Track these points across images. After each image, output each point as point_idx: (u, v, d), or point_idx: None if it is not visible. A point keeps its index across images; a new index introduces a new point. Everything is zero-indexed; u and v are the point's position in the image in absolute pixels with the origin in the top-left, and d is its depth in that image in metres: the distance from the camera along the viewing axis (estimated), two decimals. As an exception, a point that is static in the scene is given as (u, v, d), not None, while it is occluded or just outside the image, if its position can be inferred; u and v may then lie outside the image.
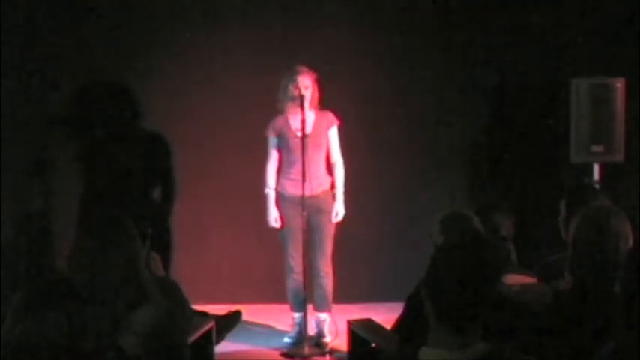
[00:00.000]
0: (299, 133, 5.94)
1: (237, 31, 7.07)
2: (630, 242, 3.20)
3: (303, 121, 5.88)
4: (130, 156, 7.11)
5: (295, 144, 5.95)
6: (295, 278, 6.05)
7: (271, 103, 6.12)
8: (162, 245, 6.88)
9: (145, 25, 7.06)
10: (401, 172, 7.14)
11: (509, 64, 7.04)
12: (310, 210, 5.94)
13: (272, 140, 6.11)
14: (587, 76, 6.40)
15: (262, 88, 6.60)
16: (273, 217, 6.10)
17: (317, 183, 6.00)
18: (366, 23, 7.11)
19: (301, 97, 5.88)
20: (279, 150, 6.10)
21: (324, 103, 6.14)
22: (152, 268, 4.55)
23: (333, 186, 6.11)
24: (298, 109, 5.90)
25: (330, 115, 6.09)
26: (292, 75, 5.94)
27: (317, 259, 6.06)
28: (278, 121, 6.07)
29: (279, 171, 6.12)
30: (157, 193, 7.24)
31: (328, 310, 6.13)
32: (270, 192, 6.11)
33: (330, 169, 6.13)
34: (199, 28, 7.07)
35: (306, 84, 5.93)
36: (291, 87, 5.94)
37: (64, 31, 6.95)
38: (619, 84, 6.28)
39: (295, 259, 6.02)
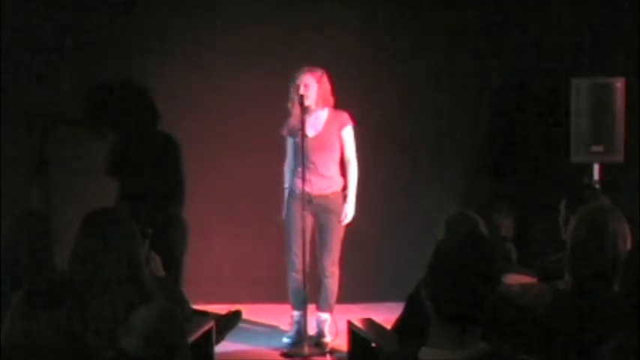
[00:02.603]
0: (314, 133, 5.94)
1: (240, 31, 7.07)
2: (629, 242, 3.20)
3: (303, 121, 5.87)
4: (136, 156, 7.12)
5: (307, 144, 5.93)
6: (296, 277, 6.05)
7: (274, 103, 6.13)
8: (169, 245, 6.92)
9: (146, 26, 7.06)
10: (401, 173, 7.14)
11: (509, 64, 7.04)
12: (318, 210, 5.95)
13: (288, 140, 6.12)
14: (587, 76, 6.40)
15: (264, 89, 6.61)
16: (284, 214, 6.12)
17: (326, 183, 5.99)
18: (371, 24, 7.11)
19: (301, 97, 5.88)
20: (294, 149, 6.10)
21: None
22: (152, 268, 4.55)
23: (345, 188, 6.10)
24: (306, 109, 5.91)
25: (344, 116, 6.07)
26: (294, 75, 5.95)
27: (322, 259, 6.05)
28: (291, 121, 6.07)
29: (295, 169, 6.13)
30: (163, 194, 7.24)
31: (330, 310, 6.12)
32: (287, 189, 6.12)
33: (344, 170, 6.12)
34: (201, 28, 7.07)
35: (307, 83, 5.93)
36: (292, 87, 5.95)
37: (65, 31, 6.95)
38: (619, 84, 6.28)
39: (298, 257, 6.02)
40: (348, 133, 6.07)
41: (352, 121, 6.08)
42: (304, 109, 5.89)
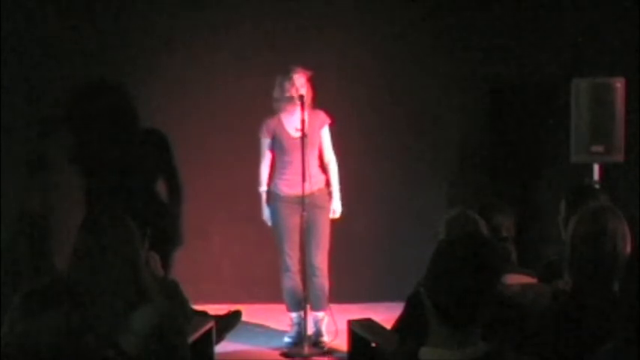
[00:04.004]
0: (298, 134, 5.94)
1: (237, 31, 7.07)
2: (628, 242, 3.20)
3: (303, 121, 5.87)
4: (134, 155, 7.12)
5: (291, 144, 5.95)
6: (292, 277, 6.05)
7: (271, 103, 6.12)
8: (170, 245, 6.92)
9: (144, 26, 7.06)
10: (401, 172, 7.15)
11: (509, 64, 7.04)
12: (306, 208, 5.95)
13: (265, 141, 6.12)
14: (587, 76, 6.40)
15: (264, 89, 6.59)
16: (269, 216, 6.13)
17: (313, 181, 6.01)
18: (363, 24, 7.11)
19: (301, 97, 5.88)
20: (273, 151, 6.10)
21: (323, 103, 6.15)
22: (152, 268, 4.55)
23: (327, 184, 6.12)
24: (294, 109, 5.90)
25: (321, 115, 6.10)
26: (288, 74, 5.95)
27: (313, 256, 6.03)
28: (272, 122, 6.07)
29: (272, 171, 6.13)
30: (163, 194, 7.24)
31: (325, 308, 6.12)
32: (264, 191, 6.13)
33: (323, 167, 6.14)
34: (199, 29, 7.07)
35: (301, 83, 5.94)
36: (287, 87, 5.95)
37: (65, 31, 6.95)
38: (619, 84, 6.28)
39: (292, 258, 6.03)
40: (326, 132, 6.12)
41: (329, 119, 6.11)
42: (304, 110, 5.89)
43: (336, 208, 6.11)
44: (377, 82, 7.11)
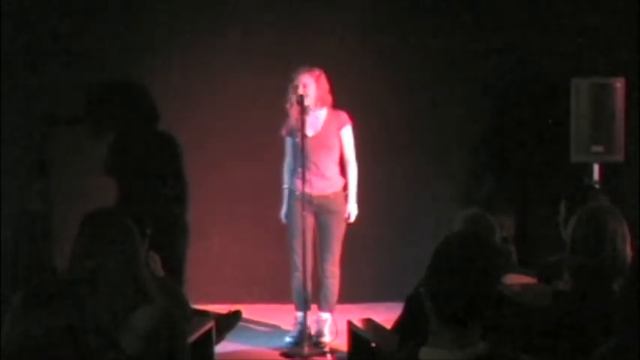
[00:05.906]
0: (314, 133, 5.93)
1: (240, 31, 7.07)
2: (628, 242, 3.20)
3: (302, 122, 5.87)
4: (137, 156, 7.12)
5: (306, 143, 5.92)
6: (298, 277, 6.04)
7: (273, 104, 6.13)
8: (172, 245, 6.92)
9: (146, 27, 7.06)
10: (402, 173, 7.14)
11: (509, 64, 7.04)
12: (319, 210, 5.94)
13: (287, 140, 6.12)
14: (587, 76, 6.40)
15: (264, 89, 6.61)
16: (285, 214, 6.11)
17: (327, 184, 5.99)
18: (369, 24, 7.11)
19: (300, 97, 5.88)
20: (294, 149, 6.09)
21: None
22: (152, 268, 4.55)
23: (345, 188, 6.10)
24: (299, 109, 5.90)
25: (342, 115, 6.07)
26: (292, 75, 5.95)
27: (323, 259, 6.04)
28: (290, 121, 6.06)
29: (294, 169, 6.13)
30: (167, 194, 7.23)
31: (330, 310, 6.12)
32: (286, 189, 6.12)
33: (343, 170, 6.12)
34: (201, 30, 7.07)
35: (305, 83, 5.92)
36: (290, 87, 5.95)
37: (65, 32, 6.95)
38: (619, 84, 6.28)
39: (301, 257, 6.01)
40: (347, 133, 6.08)
41: (351, 121, 6.08)
42: (304, 109, 5.89)
43: (351, 211, 6.07)
44: (379, 83, 7.10)
